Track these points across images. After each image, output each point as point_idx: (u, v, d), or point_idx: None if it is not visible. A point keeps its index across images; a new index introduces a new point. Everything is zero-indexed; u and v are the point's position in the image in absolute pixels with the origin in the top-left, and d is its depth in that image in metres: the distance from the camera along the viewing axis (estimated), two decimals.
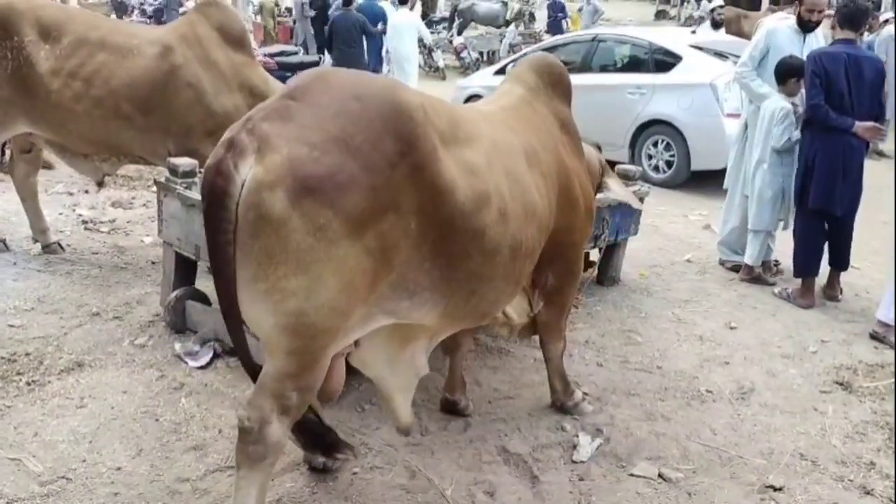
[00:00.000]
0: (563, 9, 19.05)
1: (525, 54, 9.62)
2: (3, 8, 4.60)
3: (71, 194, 6.71)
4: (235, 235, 2.13)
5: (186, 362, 3.83)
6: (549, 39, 10.54)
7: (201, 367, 3.80)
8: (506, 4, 20.04)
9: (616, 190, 3.95)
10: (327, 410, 3.38)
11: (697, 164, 8.25)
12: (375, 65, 11.60)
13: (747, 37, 9.75)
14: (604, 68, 9.32)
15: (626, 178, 5.00)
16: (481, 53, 18.57)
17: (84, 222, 6.03)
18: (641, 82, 8.73)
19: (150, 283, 4.86)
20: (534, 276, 3.16)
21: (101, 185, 5.29)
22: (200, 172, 4.12)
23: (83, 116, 4.62)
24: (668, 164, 8.55)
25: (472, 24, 20.37)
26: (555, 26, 18.56)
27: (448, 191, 2.42)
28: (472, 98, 9.97)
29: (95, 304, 4.48)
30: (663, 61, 8.69)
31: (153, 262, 5.27)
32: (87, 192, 6.79)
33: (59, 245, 5.31)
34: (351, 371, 2.97)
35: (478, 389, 3.75)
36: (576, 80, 9.16)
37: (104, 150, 4.87)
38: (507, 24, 19.03)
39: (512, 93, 3.28)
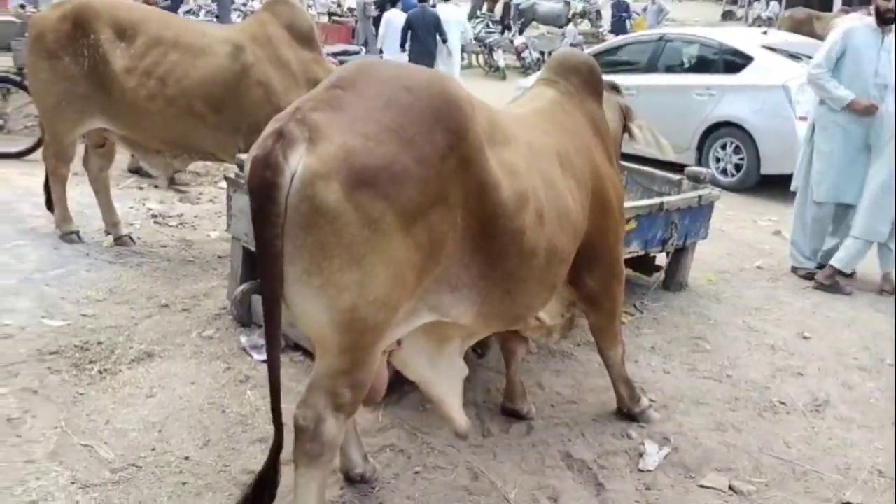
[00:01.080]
0: (627, 8, 18.79)
1: (595, 54, 9.50)
2: (81, 7, 4.74)
3: (141, 188, 6.88)
4: (283, 229, 2.10)
5: (251, 355, 3.88)
6: (613, 39, 10.37)
7: (266, 361, 3.82)
8: (568, 4, 19.84)
9: (639, 136, 3.77)
10: (387, 410, 3.39)
11: (767, 168, 8.02)
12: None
13: (819, 38, 9.45)
14: (671, 69, 9.14)
15: (697, 180, 4.88)
16: (542, 53, 18.42)
17: (153, 216, 6.17)
18: (710, 83, 8.53)
19: (217, 277, 4.94)
20: (572, 281, 3.10)
21: (172, 181, 5.40)
22: None
23: (157, 114, 4.72)
24: (737, 167, 8.33)
25: (533, 23, 20.24)
26: (618, 26, 18.31)
27: (493, 187, 2.40)
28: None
29: (164, 295, 4.57)
30: (733, 62, 8.48)
31: (219, 257, 5.36)
32: (156, 186, 6.95)
33: (130, 238, 5.44)
34: None
35: (540, 393, 3.70)
36: (641, 80, 9.15)
37: (176, 147, 4.97)
38: (569, 23, 18.83)
39: (544, 95, 3.22)
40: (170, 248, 5.48)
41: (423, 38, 11.00)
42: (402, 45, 11.08)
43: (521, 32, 19.03)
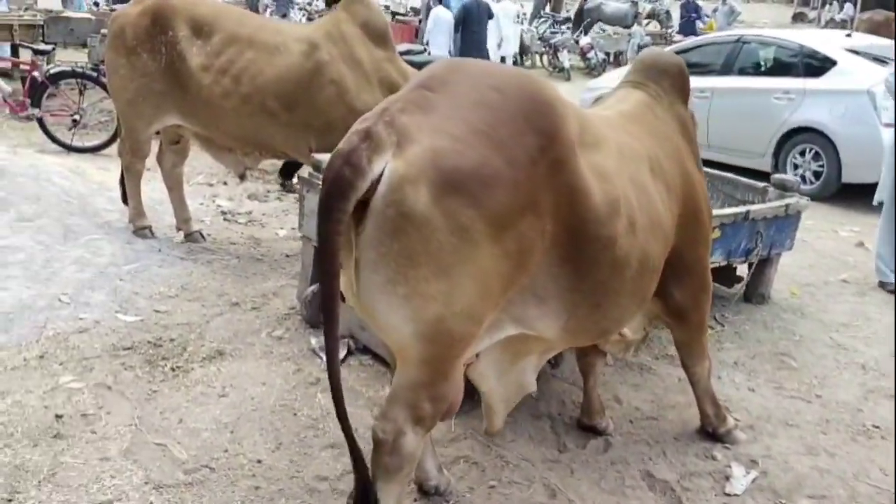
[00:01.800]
0: (696, 9, 18.36)
1: None
2: (159, 4, 4.77)
3: (211, 185, 6.94)
4: (359, 232, 2.03)
5: (321, 357, 3.83)
6: (690, 39, 10.11)
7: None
8: (635, 4, 19.48)
9: None
10: (459, 419, 3.30)
11: (849, 177, 7.68)
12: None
13: None
14: (747, 71, 8.84)
15: (784, 188, 4.66)
16: (607, 54, 18.14)
17: (223, 213, 6.20)
18: (789, 87, 8.21)
19: (285, 276, 4.92)
20: (658, 293, 2.94)
21: (242, 178, 5.41)
22: None
23: (231, 112, 4.72)
24: (816, 174, 7.99)
25: (599, 23, 19.93)
26: (688, 27, 17.90)
27: (584, 192, 2.29)
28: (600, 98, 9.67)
29: (235, 294, 4.57)
30: (815, 65, 8.14)
31: (287, 255, 5.35)
32: (225, 183, 7.01)
33: (201, 234, 5.47)
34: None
35: (618, 407, 3.55)
36: (716, 82, 8.86)
37: (248, 144, 4.97)
38: (635, 23, 18.47)
39: (631, 98, 3.07)
40: (239, 246, 5.49)
41: (476, 28, 11.23)
42: (456, 31, 11.34)
43: (586, 33, 18.75)
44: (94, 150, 7.34)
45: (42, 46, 7.81)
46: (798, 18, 35.06)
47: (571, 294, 2.39)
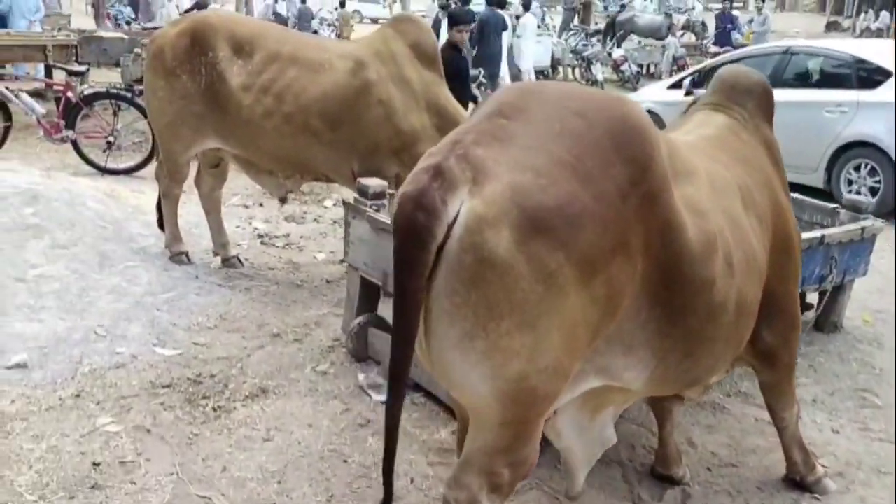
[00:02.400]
0: (732, 20, 17.99)
1: (711, 68, 9.00)
2: (198, 24, 4.61)
3: (247, 207, 6.77)
4: (431, 281, 1.82)
5: (370, 395, 3.61)
6: (739, 51, 9.81)
7: (385, 402, 3.55)
8: (669, 15, 19.16)
9: None
10: None
11: None
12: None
13: None
14: (796, 84, 8.51)
15: (857, 210, 4.37)
16: (641, 66, 17.83)
17: (260, 236, 6.03)
18: (843, 99, 7.87)
19: (327, 304, 4.72)
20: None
21: (283, 201, 5.22)
22: (391, 194, 3.91)
23: (272, 133, 4.55)
24: (873, 190, 7.64)
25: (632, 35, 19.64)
26: (723, 38, 17.54)
27: (679, 229, 2.05)
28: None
29: (275, 324, 4.37)
30: (869, 77, 7.81)
31: (328, 281, 5.15)
32: (261, 205, 6.84)
33: (238, 259, 5.29)
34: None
35: (692, 452, 3.28)
36: None
37: (290, 166, 4.79)
38: (669, 34, 18.14)
39: (713, 121, 2.81)
40: (277, 271, 5.30)
41: (493, 39, 11.32)
42: (473, 45, 11.18)
43: (618, 45, 18.48)
44: (128, 171, 7.22)
45: (76, 67, 7.73)
46: (832, 27, 34.51)
47: (661, 341, 2.15)
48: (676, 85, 9.56)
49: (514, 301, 1.78)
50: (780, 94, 8.52)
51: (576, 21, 22.92)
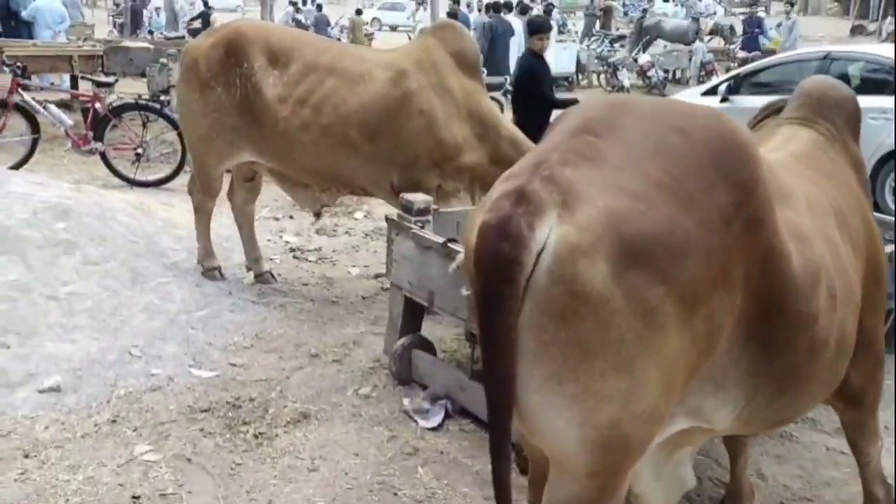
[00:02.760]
0: (759, 24, 17.70)
1: (747, 74, 8.79)
2: (233, 35, 4.49)
3: (277, 219, 6.65)
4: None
5: (416, 421, 3.45)
6: (777, 56, 9.59)
7: (433, 429, 3.39)
8: (696, 20, 18.90)
9: None
10: None
11: None
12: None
13: None
14: None
15: None
16: (667, 72, 17.58)
17: (291, 250, 5.90)
18: (886, 106, 7.62)
19: (364, 322, 4.58)
20: None
21: (318, 215, 5.08)
22: (434, 209, 3.76)
23: (310, 145, 4.41)
24: None
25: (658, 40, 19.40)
26: (751, 43, 17.27)
27: (783, 257, 1.87)
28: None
29: (313, 343, 4.23)
30: None
31: (363, 297, 5.01)
32: (291, 217, 6.72)
33: (272, 274, 5.16)
34: None
35: (763, 485, 3.09)
36: None
37: (327, 180, 4.65)
38: (696, 39, 17.89)
39: (799, 137, 2.60)
40: (311, 287, 5.16)
41: (500, 45, 11.65)
42: (482, 51, 11.31)
43: (644, 50, 18.25)
44: (157, 184, 7.12)
45: (104, 78, 7.66)
46: (857, 31, 34.02)
47: (753, 379, 1.97)
48: (711, 91, 9.33)
49: (610, 340, 1.60)
50: None
51: (597, 27, 22.73)
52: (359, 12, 22.09)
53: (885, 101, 7.68)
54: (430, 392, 3.54)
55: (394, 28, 35.04)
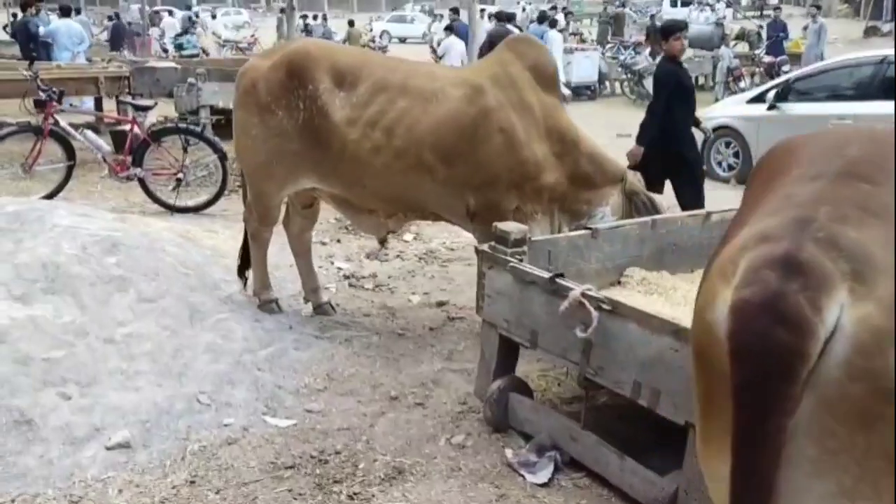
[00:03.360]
0: (784, 28, 17.42)
1: (796, 79, 8.50)
2: (298, 55, 4.21)
3: (324, 244, 6.35)
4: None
5: (523, 475, 3.13)
6: (831, 61, 9.26)
7: (543, 485, 3.08)
8: (720, 25, 18.62)
9: None
10: None
11: None
12: None
13: None
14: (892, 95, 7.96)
15: None
16: (692, 78, 17.26)
17: (346, 277, 5.60)
18: None
19: (438, 357, 4.28)
20: None
21: (383, 242, 4.79)
22: (531, 240, 3.47)
23: (381, 169, 4.12)
24: None
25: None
26: (776, 48, 16.98)
27: None
28: (719, 129, 8.91)
29: (389, 383, 3.93)
30: None
31: (430, 329, 4.72)
32: (338, 241, 6.43)
33: (331, 305, 4.87)
34: None
35: None
36: (858, 108, 8.04)
37: (395, 205, 4.36)
38: (720, 44, 17.58)
39: None
40: (374, 318, 4.86)
41: None
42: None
43: None
44: (197, 209, 6.85)
45: (143, 102, 7.40)
46: (871, 32, 33.68)
47: None
48: (758, 99, 9.03)
49: None
50: (877, 107, 8.10)
51: (609, 34, 22.51)
52: (351, 23, 22.67)
53: None
54: (535, 442, 3.23)
55: (403, 40, 34.93)
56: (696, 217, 4.16)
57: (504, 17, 14.19)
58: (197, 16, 23.69)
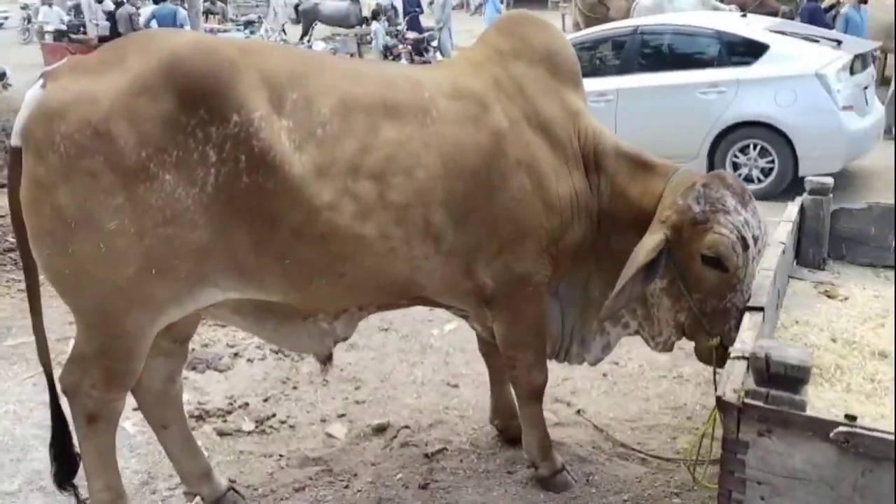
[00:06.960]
0: (418, 3, 17.10)
1: None
2: (197, 62, 2.05)
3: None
4: None
5: None
6: (585, 31, 8.66)
7: None
8: (356, 2, 17.67)
9: None
10: None
11: (806, 169, 6.92)
12: None
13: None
14: (654, 67, 7.76)
15: None
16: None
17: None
18: (717, 79, 7.31)
19: None
20: None
21: (327, 361, 2.73)
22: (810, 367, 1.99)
23: (372, 244, 2.20)
24: (764, 171, 7.25)
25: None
26: (414, 22, 16.55)
27: None
28: None
29: None
30: (740, 52, 7.34)
31: None
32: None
33: (236, 491, 2.78)
34: None
35: None
36: (619, 83, 7.73)
37: (378, 295, 2.44)
38: (360, 22, 16.78)
39: None
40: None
41: None
42: None
43: (309, 36, 16.57)
44: None
45: None
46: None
47: None
48: None
49: None
50: (638, 81, 7.84)
51: None
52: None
53: (715, 75, 7.39)
54: None
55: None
56: None
57: None
58: None
